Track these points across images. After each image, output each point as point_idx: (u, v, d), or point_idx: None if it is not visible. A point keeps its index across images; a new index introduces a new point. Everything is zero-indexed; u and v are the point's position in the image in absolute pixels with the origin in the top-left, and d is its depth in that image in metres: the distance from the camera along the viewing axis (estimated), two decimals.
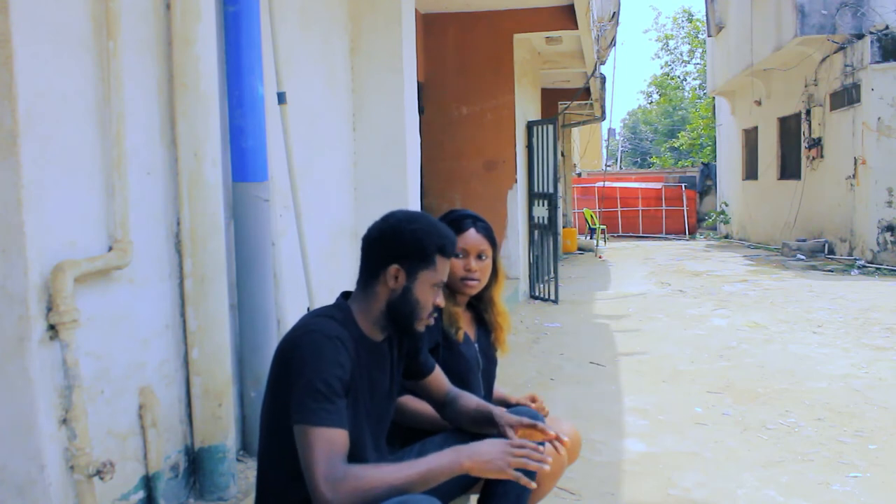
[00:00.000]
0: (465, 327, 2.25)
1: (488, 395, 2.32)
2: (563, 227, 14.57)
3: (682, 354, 5.51)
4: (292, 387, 1.61)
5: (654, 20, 72.75)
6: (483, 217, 2.27)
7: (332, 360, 1.63)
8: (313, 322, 1.71)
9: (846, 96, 11.29)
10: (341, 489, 1.53)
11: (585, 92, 12.36)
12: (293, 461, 1.68)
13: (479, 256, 2.18)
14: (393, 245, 1.74)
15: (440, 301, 1.78)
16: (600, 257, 13.70)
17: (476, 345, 2.28)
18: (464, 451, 1.62)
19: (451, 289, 2.19)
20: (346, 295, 1.83)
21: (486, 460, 1.61)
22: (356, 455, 1.67)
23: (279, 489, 1.74)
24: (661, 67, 35.94)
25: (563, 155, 15.33)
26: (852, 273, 9.92)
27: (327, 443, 1.57)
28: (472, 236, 2.18)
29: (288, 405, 1.63)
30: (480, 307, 2.32)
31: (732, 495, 3.00)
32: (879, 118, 10.53)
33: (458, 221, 2.19)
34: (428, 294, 1.75)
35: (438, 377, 2.00)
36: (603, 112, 14.82)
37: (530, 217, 8.57)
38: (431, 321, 1.80)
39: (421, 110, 6.00)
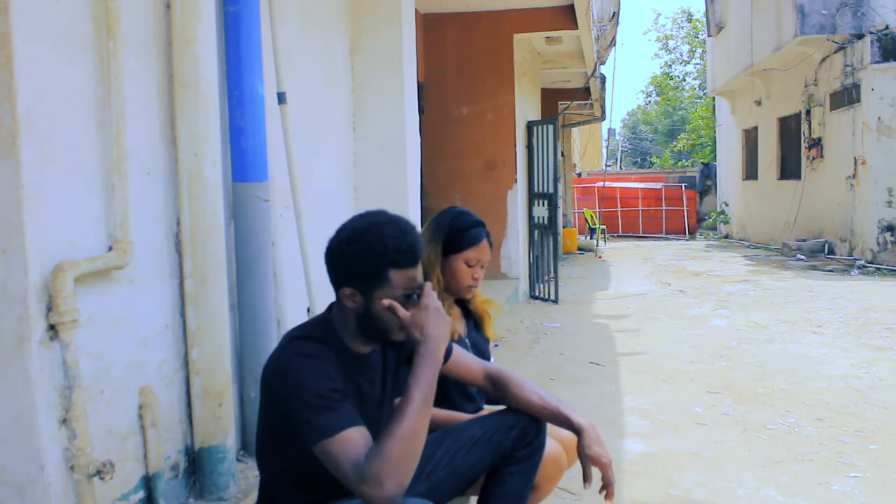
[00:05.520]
0: (457, 325, 2.27)
1: None
2: (563, 227, 14.56)
3: (682, 354, 5.51)
4: (292, 414, 1.58)
5: (653, 21, 72.79)
6: (483, 218, 2.29)
7: (318, 373, 1.60)
8: (291, 346, 1.67)
9: (846, 96, 11.28)
10: (382, 478, 1.47)
11: (585, 92, 12.36)
12: (293, 473, 1.70)
13: (483, 265, 2.24)
14: (339, 268, 1.67)
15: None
16: (600, 257, 13.69)
17: (468, 341, 2.30)
18: (431, 345, 1.61)
19: (451, 293, 2.22)
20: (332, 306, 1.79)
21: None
22: None
23: (283, 496, 1.74)
24: (661, 67, 36.00)
25: (563, 155, 15.33)
26: (852, 273, 9.92)
27: (345, 447, 1.53)
28: (485, 248, 2.22)
29: (279, 424, 1.63)
30: (465, 300, 2.35)
31: (732, 495, 3.00)
32: (879, 118, 10.53)
33: (475, 232, 2.20)
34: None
35: (460, 361, 1.95)
36: (603, 112, 14.82)
37: (530, 217, 8.57)
38: None
39: (421, 110, 6.00)
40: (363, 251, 1.61)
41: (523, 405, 1.94)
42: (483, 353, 2.35)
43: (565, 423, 1.93)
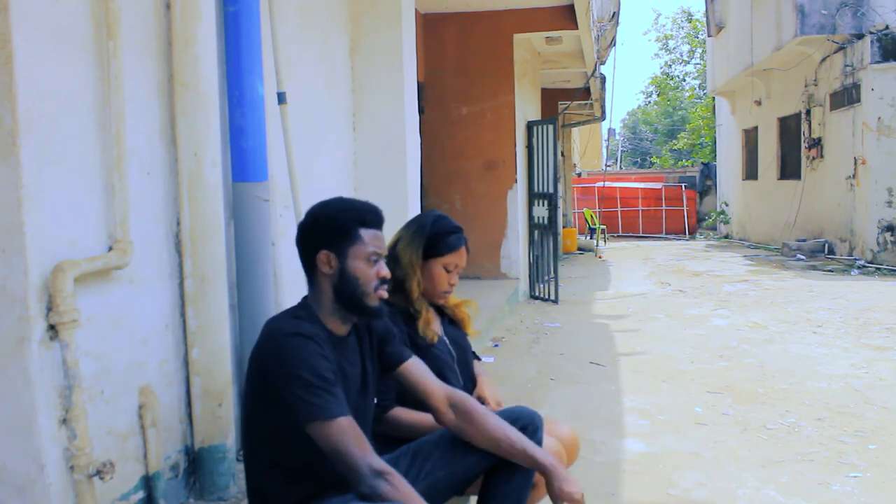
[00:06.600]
0: (434, 326, 2.29)
1: (468, 382, 2.33)
2: (563, 227, 14.56)
3: (682, 354, 5.51)
4: (285, 391, 1.61)
5: (653, 21, 72.82)
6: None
7: (317, 354, 1.64)
8: (284, 324, 1.70)
9: (846, 96, 11.28)
10: (391, 480, 1.57)
11: (585, 92, 12.36)
12: (284, 466, 1.70)
13: (458, 272, 2.26)
14: (313, 233, 1.78)
15: (384, 272, 1.77)
16: (600, 257, 13.69)
17: (446, 338, 2.30)
18: None
19: (426, 297, 2.23)
20: (307, 298, 1.84)
21: None
22: None
23: (274, 492, 1.74)
24: (661, 67, 36.02)
25: (563, 155, 15.33)
26: (852, 273, 9.92)
27: (352, 431, 1.60)
28: (463, 254, 2.25)
29: (272, 409, 1.63)
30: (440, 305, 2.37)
31: (732, 495, 3.00)
32: (879, 118, 10.52)
33: (456, 238, 2.22)
34: (364, 268, 1.75)
35: (418, 377, 1.91)
36: (603, 112, 14.82)
37: (530, 217, 8.57)
38: (384, 294, 1.78)
39: (421, 110, 6.00)
40: (334, 213, 1.76)
41: (487, 442, 1.88)
42: (463, 347, 2.37)
43: (532, 464, 1.87)
